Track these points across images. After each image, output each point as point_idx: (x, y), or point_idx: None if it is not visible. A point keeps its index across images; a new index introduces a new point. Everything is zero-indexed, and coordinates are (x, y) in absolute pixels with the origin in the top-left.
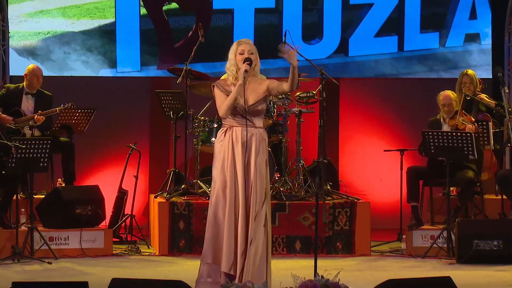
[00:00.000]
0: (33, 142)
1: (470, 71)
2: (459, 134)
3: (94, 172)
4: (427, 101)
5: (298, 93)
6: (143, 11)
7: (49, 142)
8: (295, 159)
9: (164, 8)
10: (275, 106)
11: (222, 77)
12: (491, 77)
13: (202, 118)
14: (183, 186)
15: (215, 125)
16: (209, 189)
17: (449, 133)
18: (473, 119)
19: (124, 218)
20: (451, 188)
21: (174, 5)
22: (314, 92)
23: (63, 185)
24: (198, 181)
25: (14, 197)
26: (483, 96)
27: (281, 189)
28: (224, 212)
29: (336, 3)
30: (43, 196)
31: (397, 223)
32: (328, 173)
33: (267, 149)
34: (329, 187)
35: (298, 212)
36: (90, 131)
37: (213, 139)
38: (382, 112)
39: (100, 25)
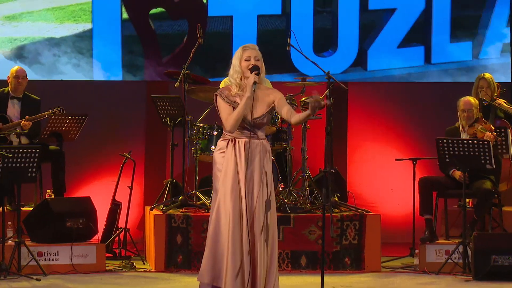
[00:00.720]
0: (20, 150)
1: (487, 75)
2: (475, 142)
3: (85, 183)
4: (442, 107)
5: (303, 98)
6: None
7: (37, 150)
8: (300, 168)
9: (152, 12)
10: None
11: (222, 83)
12: (510, 80)
13: (201, 125)
14: (180, 197)
15: (215, 133)
16: (209, 201)
17: (465, 141)
18: (493, 127)
19: (117, 232)
20: (467, 200)
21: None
22: (321, 97)
23: (53, 196)
24: (197, 192)
25: (0, 209)
26: (501, 101)
27: (286, 200)
28: (226, 227)
29: (352, 8)
30: (31, 209)
31: (409, 237)
32: (335, 184)
33: (271, 161)
34: (336, 199)
35: (304, 226)
36: (81, 139)
37: (213, 147)
38: (394, 118)
39: (84, 30)
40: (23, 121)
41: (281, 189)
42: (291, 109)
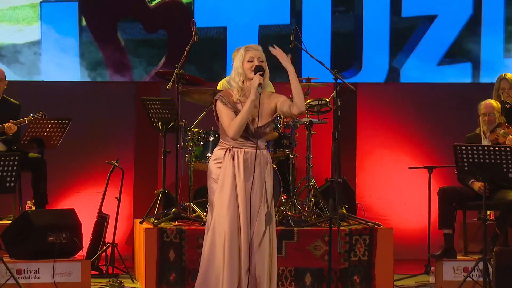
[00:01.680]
0: None
1: (509, 75)
2: (497, 148)
3: (69, 194)
4: (460, 110)
5: (308, 101)
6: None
7: (16, 158)
8: (304, 178)
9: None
10: (281, 116)
11: (220, 85)
12: None
13: (196, 130)
14: (173, 209)
15: (211, 139)
16: (204, 213)
17: (486, 148)
18: None
19: (104, 248)
20: (488, 212)
21: None
22: (327, 100)
23: (33, 208)
24: (192, 204)
25: None
26: None
27: (289, 213)
28: (221, 249)
29: (381, 14)
30: (10, 222)
31: (424, 253)
32: (343, 194)
33: (272, 172)
34: (344, 211)
35: (309, 240)
36: (64, 145)
37: (209, 154)
38: (408, 123)
39: None
40: (7, 124)
41: (283, 200)
42: (291, 102)
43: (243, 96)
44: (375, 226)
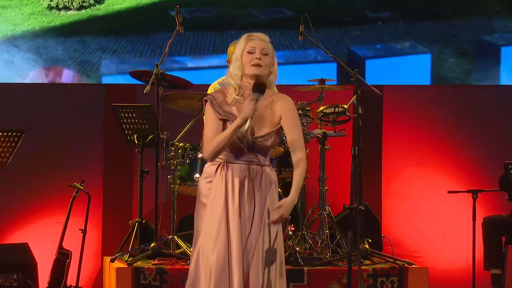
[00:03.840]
0: None
1: None
2: None
3: (21, 224)
4: None
5: (321, 108)
6: None
7: None
8: (317, 204)
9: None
10: None
11: (210, 88)
12: None
13: (181, 144)
14: (152, 244)
15: (200, 155)
16: (191, 249)
17: None
18: None
19: None
20: None
21: None
22: (346, 107)
23: None
24: (175, 237)
25: None
26: None
27: (297, 248)
28: (207, 284)
29: None
30: None
31: None
32: (366, 225)
33: (277, 195)
34: (367, 246)
35: (322, 283)
36: (16, 164)
37: (197, 175)
38: (447, 136)
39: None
40: None
41: (291, 232)
42: (298, 139)
43: (240, 96)
44: (406, 265)
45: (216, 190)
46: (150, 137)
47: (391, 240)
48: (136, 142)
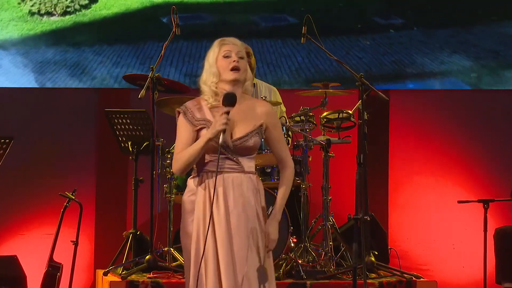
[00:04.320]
0: None
1: None
2: None
3: (10, 236)
4: None
5: (325, 114)
6: None
7: None
8: (320, 215)
9: None
10: (290, 133)
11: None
12: None
13: None
14: (147, 257)
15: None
16: None
17: None
18: None
19: None
20: None
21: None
22: (351, 112)
23: None
24: (171, 250)
25: None
26: None
27: (300, 261)
28: None
29: None
30: None
31: None
32: (372, 237)
33: (264, 204)
34: (373, 259)
35: None
36: (3, 173)
37: None
38: (456, 143)
39: None
40: None
41: (292, 245)
42: (287, 154)
43: (218, 102)
44: (414, 278)
45: (199, 204)
46: (145, 144)
47: (398, 252)
48: (131, 149)
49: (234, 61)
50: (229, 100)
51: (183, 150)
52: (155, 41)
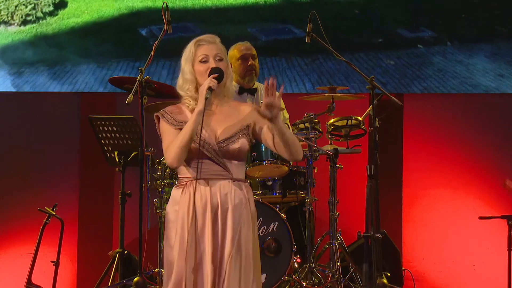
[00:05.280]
0: None
1: None
2: None
3: None
4: None
5: (332, 120)
6: None
7: None
8: (327, 232)
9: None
10: None
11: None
12: None
13: None
14: (136, 279)
15: None
16: None
17: None
18: None
19: None
20: None
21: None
22: (360, 119)
23: None
24: (162, 271)
25: None
26: None
27: (304, 284)
28: None
29: None
30: None
31: None
32: (384, 257)
33: (254, 214)
34: (385, 281)
35: None
36: None
37: None
38: (476, 153)
39: None
40: None
41: (296, 265)
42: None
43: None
44: None
45: (183, 215)
46: (133, 154)
47: (413, 274)
48: (117, 160)
49: (211, 67)
50: (216, 71)
51: (174, 141)
52: (131, 60)
